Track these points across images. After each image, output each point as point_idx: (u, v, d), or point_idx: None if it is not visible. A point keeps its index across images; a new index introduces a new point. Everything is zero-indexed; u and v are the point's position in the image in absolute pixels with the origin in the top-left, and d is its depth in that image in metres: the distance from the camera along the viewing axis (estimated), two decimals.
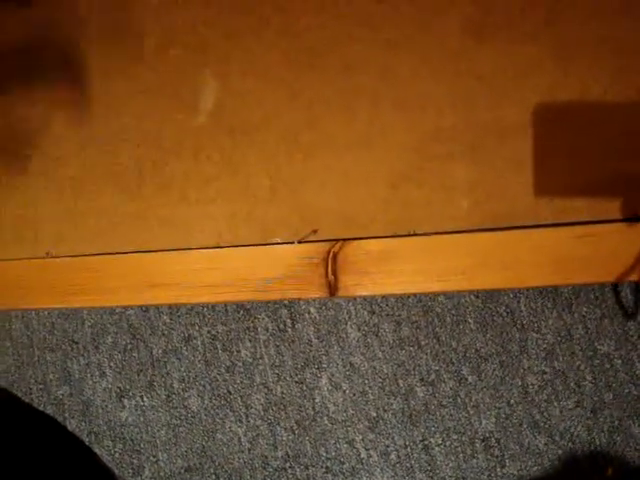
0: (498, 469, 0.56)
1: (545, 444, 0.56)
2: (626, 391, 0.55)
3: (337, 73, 0.53)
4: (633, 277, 0.52)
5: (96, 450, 0.58)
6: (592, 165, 0.50)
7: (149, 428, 0.57)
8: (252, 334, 0.57)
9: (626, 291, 0.55)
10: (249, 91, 0.54)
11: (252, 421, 0.57)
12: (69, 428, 0.60)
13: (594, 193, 0.50)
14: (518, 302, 0.55)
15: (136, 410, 0.57)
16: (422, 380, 0.56)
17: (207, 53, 0.54)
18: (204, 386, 0.57)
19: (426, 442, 0.56)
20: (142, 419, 0.57)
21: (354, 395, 0.56)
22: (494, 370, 0.56)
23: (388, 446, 0.56)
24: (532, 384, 0.56)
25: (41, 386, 0.60)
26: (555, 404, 0.56)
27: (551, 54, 0.50)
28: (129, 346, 0.58)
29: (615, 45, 0.49)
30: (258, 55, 0.54)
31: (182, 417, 0.57)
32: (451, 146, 0.52)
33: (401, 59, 0.52)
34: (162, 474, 0.57)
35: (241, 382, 0.57)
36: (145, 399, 0.57)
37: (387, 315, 0.56)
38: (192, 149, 0.54)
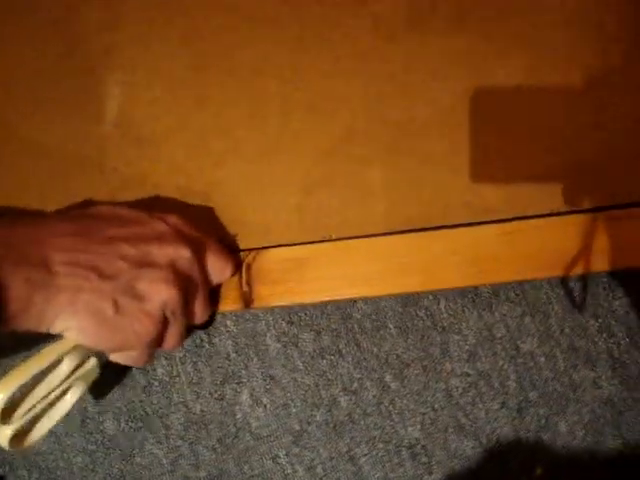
0: (426, 476, 0.55)
1: (472, 447, 0.55)
2: (551, 388, 0.55)
3: (246, 77, 0.51)
4: (556, 273, 0.52)
5: None
6: (507, 162, 0.49)
7: (65, 455, 0.54)
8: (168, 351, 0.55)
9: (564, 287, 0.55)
10: (156, 98, 0.52)
11: (172, 442, 0.54)
12: None
13: (510, 191, 0.50)
14: (438, 304, 0.54)
15: (50, 437, 0.55)
16: (345, 389, 0.55)
17: (111, 60, 0.52)
18: (120, 408, 0.54)
19: (352, 453, 0.55)
20: (57, 446, 0.55)
21: (276, 409, 0.55)
22: (417, 375, 0.55)
23: (313, 459, 0.55)
24: (456, 387, 0.55)
25: None
26: (480, 406, 0.55)
27: (463, 51, 0.49)
28: None
29: (526, 41, 0.49)
30: (164, 60, 0.52)
31: (98, 442, 0.54)
32: (365, 148, 0.51)
33: (311, 60, 0.51)
34: None
35: (158, 402, 0.54)
36: (59, 425, 0.55)
37: (306, 325, 0.54)
38: (97, 161, 0.52)
